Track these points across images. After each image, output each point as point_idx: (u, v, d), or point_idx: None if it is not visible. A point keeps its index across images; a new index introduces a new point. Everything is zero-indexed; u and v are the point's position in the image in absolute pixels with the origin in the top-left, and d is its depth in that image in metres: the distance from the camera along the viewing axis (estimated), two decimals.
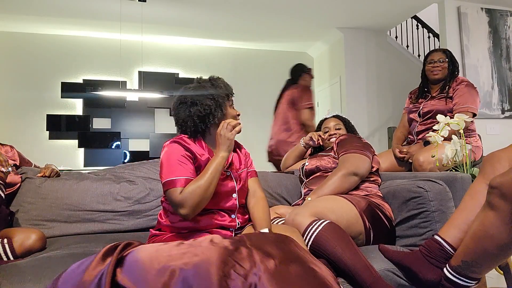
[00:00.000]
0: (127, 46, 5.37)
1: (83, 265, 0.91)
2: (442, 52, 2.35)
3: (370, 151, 1.79)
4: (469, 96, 2.17)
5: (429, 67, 2.34)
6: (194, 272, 0.85)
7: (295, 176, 2.16)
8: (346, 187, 1.63)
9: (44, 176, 1.90)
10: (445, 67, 2.30)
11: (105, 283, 0.84)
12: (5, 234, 1.49)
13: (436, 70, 2.31)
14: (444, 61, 2.31)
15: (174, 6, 4.42)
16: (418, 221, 1.47)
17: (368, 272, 1.19)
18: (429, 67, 2.34)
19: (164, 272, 0.86)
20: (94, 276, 0.86)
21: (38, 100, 5.18)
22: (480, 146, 2.23)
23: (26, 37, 5.19)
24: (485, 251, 1.04)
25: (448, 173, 1.65)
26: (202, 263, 0.86)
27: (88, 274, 0.88)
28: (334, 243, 1.28)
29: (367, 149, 1.77)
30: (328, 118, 2.11)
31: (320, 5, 4.50)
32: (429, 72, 2.34)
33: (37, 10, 4.51)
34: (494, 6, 4.46)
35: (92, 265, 0.90)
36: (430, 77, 2.35)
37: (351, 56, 5.24)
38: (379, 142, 5.16)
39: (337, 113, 2.15)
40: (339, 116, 2.11)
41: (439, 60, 2.31)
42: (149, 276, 0.86)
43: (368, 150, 1.77)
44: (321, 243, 1.29)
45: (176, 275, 0.85)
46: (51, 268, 1.18)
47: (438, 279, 1.16)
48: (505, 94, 4.37)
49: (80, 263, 0.94)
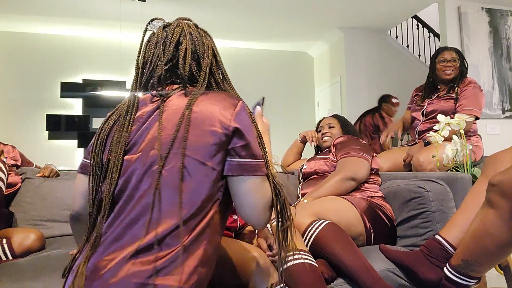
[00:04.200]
0: (127, 46, 5.36)
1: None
2: (454, 51, 2.29)
3: (369, 153, 1.78)
4: (474, 98, 2.13)
5: (441, 66, 2.27)
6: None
7: (295, 176, 2.16)
8: (342, 191, 1.62)
9: (43, 176, 1.90)
10: (457, 67, 2.25)
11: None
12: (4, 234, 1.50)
13: (449, 70, 2.24)
14: (457, 60, 2.26)
15: (174, 6, 4.42)
16: (419, 221, 1.46)
17: (368, 273, 1.19)
18: (441, 66, 2.27)
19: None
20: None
21: (38, 100, 5.17)
22: (481, 146, 2.22)
23: (26, 37, 5.18)
24: (485, 250, 1.03)
25: (448, 173, 1.65)
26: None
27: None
28: (334, 243, 1.27)
29: (366, 151, 1.76)
30: (325, 118, 2.12)
31: (320, 5, 4.50)
32: (441, 71, 2.27)
33: (37, 10, 4.51)
34: (494, 5, 4.45)
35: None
36: (442, 77, 2.27)
37: (351, 56, 5.24)
38: None
39: (336, 113, 2.16)
40: (336, 115, 2.11)
41: (452, 60, 2.25)
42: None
43: (367, 152, 1.75)
44: (321, 243, 1.29)
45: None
46: (50, 266, 1.18)
47: (439, 279, 1.16)
48: (506, 94, 4.37)
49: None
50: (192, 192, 0.77)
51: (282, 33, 5.46)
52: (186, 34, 0.90)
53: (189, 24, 0.94)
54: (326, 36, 5.56)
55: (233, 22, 5.02)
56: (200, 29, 0.96)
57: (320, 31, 5.42)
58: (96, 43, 5.42)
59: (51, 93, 5.23)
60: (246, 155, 0.80)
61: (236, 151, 0.80)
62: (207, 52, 0.92)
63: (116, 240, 0.73)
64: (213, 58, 0.93)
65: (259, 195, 0.81)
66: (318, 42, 5.86)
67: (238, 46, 5.93)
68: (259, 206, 0.81)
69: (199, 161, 0.78)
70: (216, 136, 0.79)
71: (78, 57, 5.36)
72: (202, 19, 4.86)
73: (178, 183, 0.76)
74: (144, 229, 0.73)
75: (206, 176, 0.78)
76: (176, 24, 0.93)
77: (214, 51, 0.94)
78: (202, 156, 0.78)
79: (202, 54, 0.91)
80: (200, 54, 0.91)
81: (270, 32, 5.42)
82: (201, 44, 0.92)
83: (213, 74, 0.93)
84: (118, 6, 4.32)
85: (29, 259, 1.32)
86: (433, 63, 2.34)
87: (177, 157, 0.77)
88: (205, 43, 0.93)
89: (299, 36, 5.64)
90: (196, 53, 0.91)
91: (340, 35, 5.30)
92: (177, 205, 0.75)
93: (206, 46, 0.92)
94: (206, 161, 0.78)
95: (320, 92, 6.02)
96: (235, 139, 0.80)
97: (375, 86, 5.29)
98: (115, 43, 5.40)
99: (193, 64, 0.90)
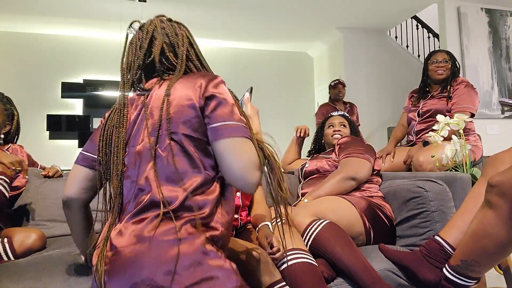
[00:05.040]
0: None
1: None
2: (445, 53, 2.38)
3: (372, 154, 1.78)
4: (468, 96, 2.19)
5: (433, 67, 2.36)
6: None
7: (295, 176, 2.16)
8: (342, 190, 1.63)
9: (47, 175, 1.90)
10: (448, 67, 2.33)
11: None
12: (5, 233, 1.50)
13: (440, 70, 2.33)
14: (448, 61, 2.34)
15: (174, 6, 4.43)
16: (418, 221, 1.47)
17: (367, 272, 1.19)
18: (433, 67, 2.36)
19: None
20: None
21: (38, 100, 5.18)
22: (480, 146, 2.23)
23: (26, 37, 5.19)
24: (484, 250, 1.04)
25: (448, 173, 1.65)
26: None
27: None
28: (333, 243, 1.28)
29: (369, 152, 1.76)
30: (334, 116, 2.12)
31: (320, 5, 4.51)
32: (433, 72, 2.36)
33: (38, 10, 4.51)
34: (494, 6, 4.46)
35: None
36: (434, 77, 2.36)
37: (351, 56, 5.24)
38: (379, 142, 5.16)
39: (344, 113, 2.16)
40: (345, 115, 2.12)
41: (444, 61, 2.34)
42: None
43: (370, 153, 1.76)
44: (321, 243, 1.29)
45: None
46: (51, 266, 1.19)
47: (438, 279, 1.16)
48: (505, 94, 4.37)
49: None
50: (190, 164, 0.84)
51: (281, 33, 5.46)
52: (158, 29, 0.98)
53: (162, 19, 1.01)
54: (325, 36, 5.56)
55: (233, 22, 5.02)
56: (173, 22, 1.03)
57: (320, 32, 5.42)
58: (97, 43, 5.42)
59: (52, 93, 5.24)
60: (221, 119, 0.85)
61: (211, 116, 0.85)
62: (181, 41, 0.98)
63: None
64: (189, 45, 1.00)
65: (239, 156, 0.82)
66: (317, 43, 5.87)
67: (238, 46, 5.93)
68: (241, 165, 0.81)
69: (186, 135, 0.85)
70: (194, 109, 0.86)
71: (79, 57, 5.36)
72: (202, 19, 4.86)
73: (175, 159, 0.83)
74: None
75: (196, 147, 0.85)
76: (149, 22, 1.00)
77: (189, 39, 1.01)
78: (188, 129, 0.85)
79: (177, 44, 0.98)
80: (175, 44, 0.98)
81: (270, 32, 5.43)
82: (175, 35, 0.99)
83: (192, 60, 0.99)
84: (119, 6, 4.32)
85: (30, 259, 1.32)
86: (426, 65, 2.43)
87: (167, 135, 0.84)
88: (179, 33, 1.00)
89: (299, 37, 5.64)
90: (171, 45, 0.98)
91: (339, 35, 5.31)
92: (178, 180, 0.82)
93: (180, 36, 0.99)
94: (192, 134, 0.85)
95: (320, 92, 6.03)
96: (210, 105, 0.86)
97: (374, 86, 5.29)
98: (115, 43, 5.40)
99: (170, 55, 0.97)
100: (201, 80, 0.89)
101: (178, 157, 0.84)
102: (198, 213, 0.81)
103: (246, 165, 0.82)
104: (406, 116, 2.48)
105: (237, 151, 0.83)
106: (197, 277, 0.73)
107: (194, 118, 0.85)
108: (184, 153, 0.84)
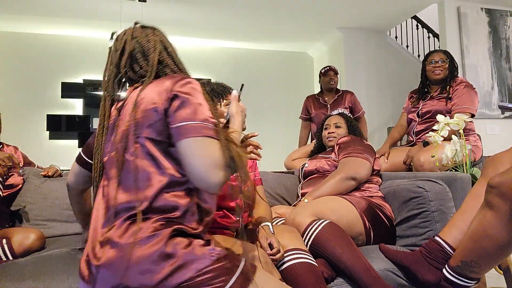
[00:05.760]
0: None
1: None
2: (442, 53, 2.38)
3: (372, 154, 1.78)
4: (468, 96, 2.19)
5: (430, 67, 2.36)
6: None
7: (295, 176, 2.16)
8: (342, 190, 1.63)
9: (46, 175, 1.90)
10: (446, 67, 2.33)
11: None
12: (4, 234, 1.50)
13: (437, 70, 2.33)
14: (445, 61, 2.34)
15: (174, 6, 4.42)
16: (418, 221, 1.47)
17: (367, 272, 1.19)
18: (430, 67, 2.37)
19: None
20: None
21: (38, 100, 5.17)
22: (480, 146, 2.23)
23: (26, 37, 5.18)
24: (484, 251, 1.03)
25: (448, 173, 1.65)
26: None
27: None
28: (333, 243, 1.28)
29: (369, 152, 1.76)
30: (332, 116, 2.10)
31: (320, 5, 4.50)
32: (431, 72, 2.36)
33: (37, 10, 4.51)
34: (494, 6, 4.46)
35: None
36: (432, 77, 2.36)
37: (351, 56, 5.24)
38: (379, 142, 5.15)
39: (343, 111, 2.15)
40: (343, 114, 2.10)
41: (441, 61, 2.34)
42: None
43: (369, 153, 1.75)
44: (321, 243, 1.29)
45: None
46: (50, 266, 1.19)
47: (438, 280, 1.16)
48: (505, 94, 4.37)
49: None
50: (155, 166, 0.85)
51: (281, 33, 5.46)
52: (128, 40, 1.01)
53: (135, 28, 1.04)
54: (325, 36, 5.56)
55: (233, 22, 5.02)
56: (148, 28, 1.05)
57: (320, 32, 5.42)
58: (97, 43, 5.42)
59: (52, 93, 5.23)
60: (183, 119, 0.85)
61: (173, 116, 0.86)
62: (153, 47, 1.01)
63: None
64: (163, 50, 1.02)
65: (200, 156, 0.81)
66: (317, 43, 5.87)
67: (238, 46, 5.92)
68: (202, 166, 0.81)
69: (150, 138, 0.86)
70: (157, 112, 0.87)
71: (79, 57, 5.35)
72: (202, 19, 4.86)
73: (139, 163, 0.85)
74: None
75: (160, 150, 0.86)
76: (123, 33, 1.03)
77: (163, 43, 1.04)
78: (152, 133, 0.86)
79: (148, 50, 1.00)
80: (147, 51, 1.01)
81: (270, 32, 5.42)
82: (147, 42, 1.01)
83: (166, 65, 1.01)
84: (119, 6, 4.32)
85: (29, 259, 1.32)
86: (424, 66, 2.43)
87: (134, 140, 0.87)
88: (151, 39, 1.02)
89: (299, 37, 5.64)
90: (143, 52, 1.01)
91: (339, 35, 5.30)
92: (143, 183, 0.84)
93: (152, 43, 1.01)
94: (157, 137, 0.86)
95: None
96: (173, 105, 0.87)
97: (374, 87, 5.29)
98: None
99: (143, 63, 1.00)
100: (168, 82, 0.90)
101: (143, 160, 0.85)
102: (169, 215, 0.82)
103: (208, 165, 0.80)
104: (406, 117, 2.48)
105: (198, 151, 0.82)
106: (170, 268, 0.75)
107: (158, 121, 0.87)
108: (149, 156, 0.86)
